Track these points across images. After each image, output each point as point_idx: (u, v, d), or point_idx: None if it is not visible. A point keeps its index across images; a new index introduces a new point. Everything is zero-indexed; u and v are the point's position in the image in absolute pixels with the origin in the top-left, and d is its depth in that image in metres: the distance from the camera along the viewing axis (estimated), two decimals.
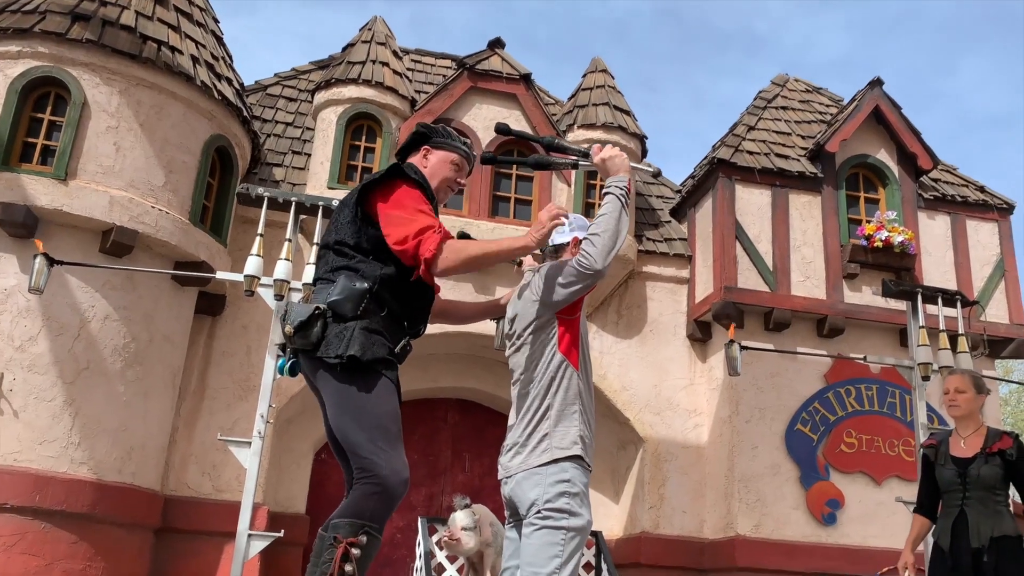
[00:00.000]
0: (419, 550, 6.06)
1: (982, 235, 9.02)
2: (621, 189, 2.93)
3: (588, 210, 8.49)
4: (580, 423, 2.89)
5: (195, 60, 7.38)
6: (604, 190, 2.94)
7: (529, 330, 2.99)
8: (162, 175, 7.05)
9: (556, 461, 2.82)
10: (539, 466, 2.82)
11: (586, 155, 3.06)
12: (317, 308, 2.86)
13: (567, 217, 2.95)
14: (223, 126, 7.58)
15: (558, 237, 3.17)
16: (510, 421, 3.05)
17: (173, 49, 7.22)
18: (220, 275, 5.59)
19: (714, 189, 8.64)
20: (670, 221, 9.31)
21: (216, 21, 8.29)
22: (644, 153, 9.02)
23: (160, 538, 7.09)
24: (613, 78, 9.20)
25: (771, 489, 7.77)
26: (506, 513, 3.07)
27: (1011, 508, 4.23)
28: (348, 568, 2.68)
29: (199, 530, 7.12)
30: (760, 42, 41.82)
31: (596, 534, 6.69)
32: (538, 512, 2.79)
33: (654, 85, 40.71)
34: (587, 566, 6.60)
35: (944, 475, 4.26)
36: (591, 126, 8.63)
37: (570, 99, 9.24)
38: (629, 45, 41.21)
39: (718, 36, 40.58)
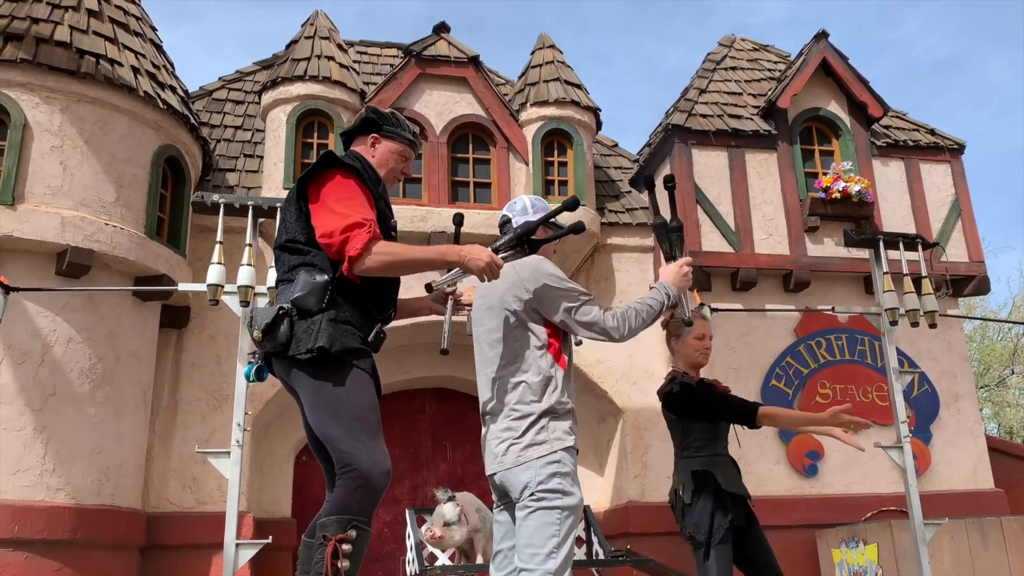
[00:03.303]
0: (409, 542, 6.06)
1: (936, 177, 9.15)
2: (670, 298, 3.13)
3: (548, 187, 8.48)
4: (571, 417, 2.98)
5: (136, 71, 7.23)
6: (654, 286, 3.15)
7: (514, 323, 3.02)
8: (113, 191, 6.92)
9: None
10: (537, 458, 2.86)
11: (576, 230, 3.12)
12: (281, 308, 2.84)
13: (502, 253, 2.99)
14: (171, 135, 7.45)
15: (522, 219, 3.20)
16: (489, 408, 3.05)
17: (112, 61, 7.07)
18: (182, 287, 5.49)
19: (671, 155, 8.66)
20: (630, 191, 9.33)
21: (154, 29, 8.12)
22: (599, 126, 9.01)
23: (146, 556, 7.02)
24: (561, 53, 9.16)
25: (751, 446, 7.86)
26: (494, 496, 3.09)
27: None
28: (342, 564, 2.67)
29: (185, 544, 7.06)
30: (706, 8, 41.89)
31: (585, 508, 6.73)
32: (532, 494, 2.82)
33: (606, 58, 40.68)
34: (578, 540, 6.65)
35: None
36: (544, 103, 8.60)
37: (520, 78, 9.19)
38: (578, 21, 41.09)
39: (665, 4, 40.58)
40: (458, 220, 3.45)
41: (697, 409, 3.98)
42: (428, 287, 3.21)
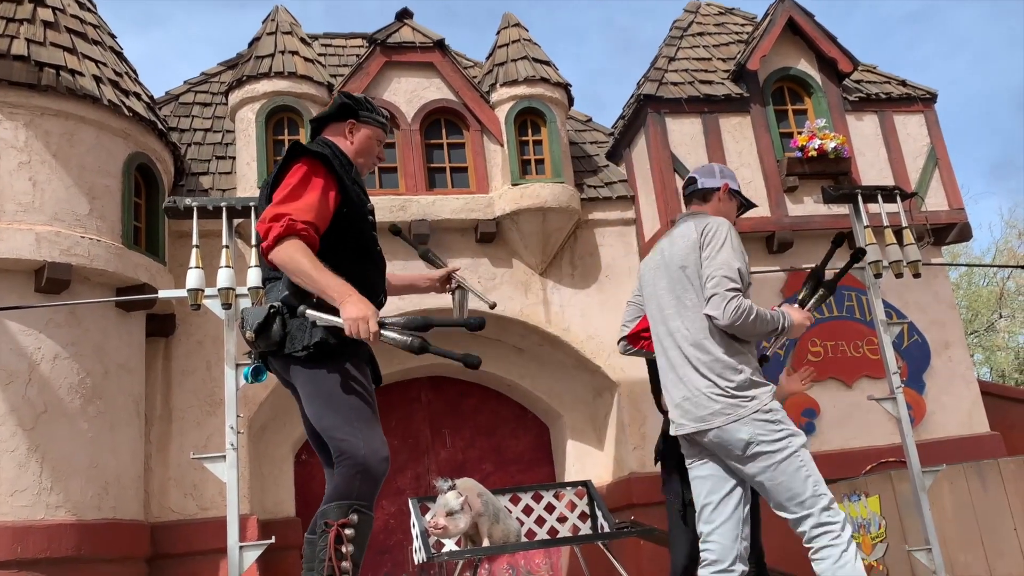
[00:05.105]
0: (414, 531, 6.06)
1: (910, 128, 9.16)
2: (784, 330, 3.12)
3: (525, 167, 8.44)
4: (756, 366, 3.08)
5: (98, 80, 7.13)
6: (778, 309, 3.19)
7: (690, 283, 3.13)
8: (86, 203, 6.84)
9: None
10: (751, 414, 2.93)
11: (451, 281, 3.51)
12: (272, 307, 2.82)
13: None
14: (140, 143, 7.36)
15: (709, 181, 3.38)
16: (674, 362, 3.12)
17: (73, 72, 6.96)
18: (163, 294, 5.43)
19: (645, 126, 8.64)
20: (608, 165, 9.30)
21: (113, 36, 8.01)
22: (571, 101, 8.96)
23: (153, 566, 6.99)
24: (527, 31, 9.09)
25: None
26: (685, 452, 3.16)
27: None
28: (346, 549, 2.66)
29: (192, 551, 7.04)
30: None
31: (586, 483, 6.75)
32: (761, 450, 2.90)
33: (579, 35, 40.48)
34: (583, 515, 6.67)
35: None
36: (513, 82, 8.54)
37: (488, 59, 9.13)
38: None
39: None
40: (395, 230, 3.79)
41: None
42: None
